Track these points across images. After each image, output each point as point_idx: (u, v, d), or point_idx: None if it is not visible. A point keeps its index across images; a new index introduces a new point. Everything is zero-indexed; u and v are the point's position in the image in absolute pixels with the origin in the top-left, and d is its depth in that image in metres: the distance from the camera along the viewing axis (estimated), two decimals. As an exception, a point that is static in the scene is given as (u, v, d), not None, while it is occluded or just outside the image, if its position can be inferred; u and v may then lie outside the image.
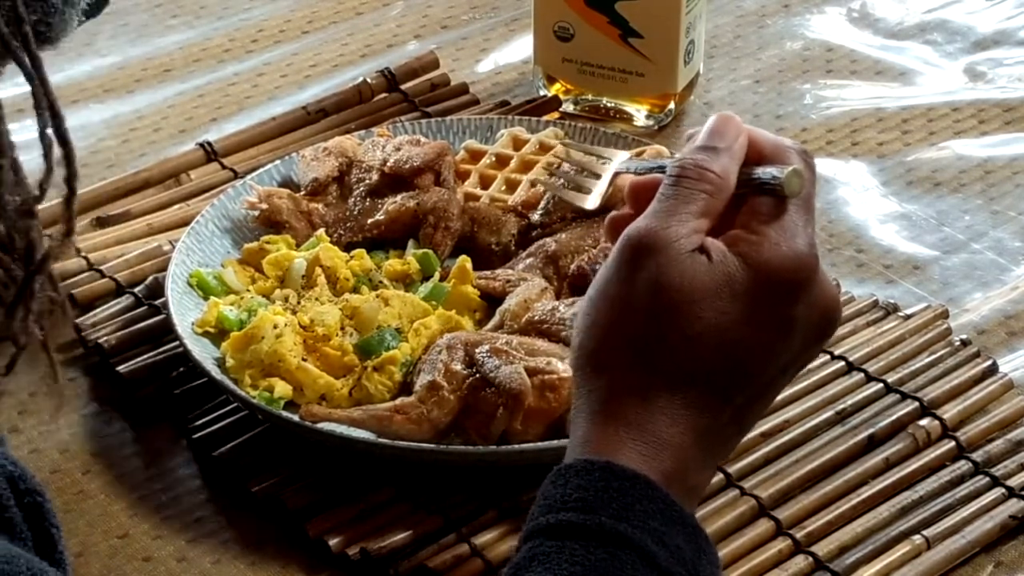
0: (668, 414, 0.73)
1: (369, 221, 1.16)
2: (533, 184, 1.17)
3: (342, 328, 1.06)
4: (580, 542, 0.70)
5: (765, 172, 0.76)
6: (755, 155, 0.77)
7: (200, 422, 1.04)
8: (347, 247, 1.14)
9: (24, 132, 0.71)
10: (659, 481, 0.72)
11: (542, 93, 1.37)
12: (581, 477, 0.72)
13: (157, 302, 1.12)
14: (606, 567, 0.69)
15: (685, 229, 0.74)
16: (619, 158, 0.94)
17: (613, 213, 0.80)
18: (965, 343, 1.10)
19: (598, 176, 0.96)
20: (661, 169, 0.78)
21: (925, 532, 0.96)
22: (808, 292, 0.74)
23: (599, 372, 0.74)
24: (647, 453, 0.72)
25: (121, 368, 1.08)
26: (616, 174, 0.92)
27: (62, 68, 1.39)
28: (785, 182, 0.75)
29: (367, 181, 1.17)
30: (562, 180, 1.07)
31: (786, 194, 0.75)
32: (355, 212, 1.16)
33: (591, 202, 0.96)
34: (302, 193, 1.17)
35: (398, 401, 1.00)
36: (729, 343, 0.73)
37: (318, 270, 1.10)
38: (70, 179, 0.67)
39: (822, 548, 0.95)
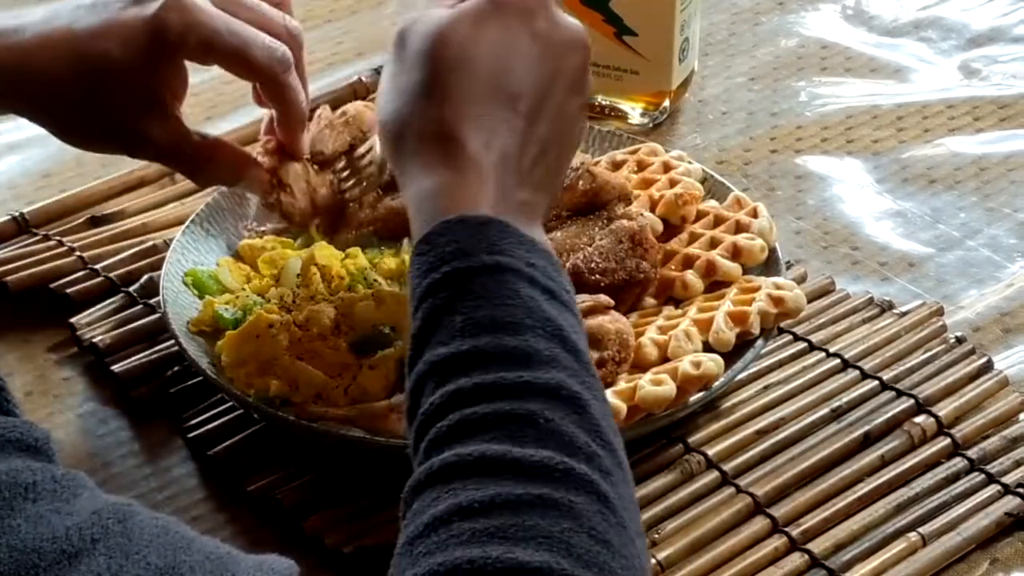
0: (469, 143, 0.81)
1: (365, 218, 1.15)
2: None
3: (337, 327, 1.05)
4: (467, 285, 0.76)
5: None
6: None
7: (196, 421, 1.04)
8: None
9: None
10: (493, 212, 0.79)
11: (537, 91, 1.36)
12: (445, 235, 0.78)
13: (152, 301, 1.12)
14: (497, 291, 0.76)
15: (435, 9, 0.85)
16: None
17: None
18: (960, 340, 1.10)
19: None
20: None
21: (921, 529, 0.96)
22: (543, 12, 0.86)
23: (404, 141, 0.84)
24: (475, 187, 0.80)
25: (116, 367, 1.08)
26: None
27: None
28: None
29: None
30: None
31: None
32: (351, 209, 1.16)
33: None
34: (307, 157, 1.15)
35: (393, 399, 1.00)
36: (489, 57, 0.83)
37: (313, 269, 1.10)
38: None
39: (818, 546, 0.95)
